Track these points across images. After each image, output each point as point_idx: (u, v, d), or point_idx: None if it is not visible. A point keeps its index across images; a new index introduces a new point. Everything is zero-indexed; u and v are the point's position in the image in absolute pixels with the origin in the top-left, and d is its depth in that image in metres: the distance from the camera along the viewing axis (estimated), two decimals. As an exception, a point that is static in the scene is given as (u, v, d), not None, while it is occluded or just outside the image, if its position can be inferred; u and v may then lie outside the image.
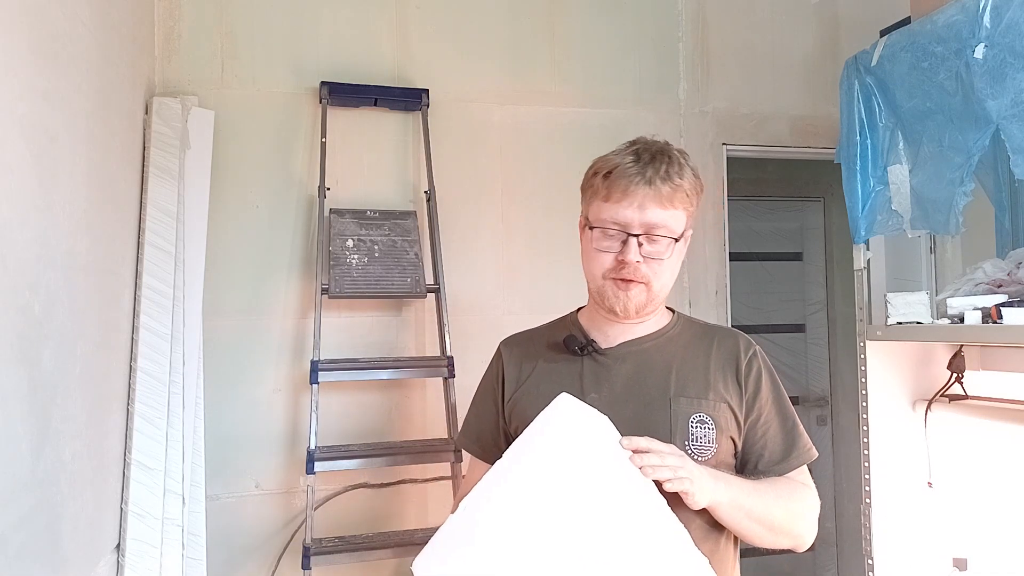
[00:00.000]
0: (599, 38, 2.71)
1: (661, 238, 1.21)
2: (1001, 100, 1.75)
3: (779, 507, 1.22)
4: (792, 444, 1.28)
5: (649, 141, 1.26)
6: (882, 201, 2.18)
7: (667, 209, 1.21)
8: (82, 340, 1.58)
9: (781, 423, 1.29)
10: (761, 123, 2.85)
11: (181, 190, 2.13)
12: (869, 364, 2.25)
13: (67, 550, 1.48)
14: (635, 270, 1.21)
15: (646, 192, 1.19)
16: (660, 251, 1.22)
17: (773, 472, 1.27)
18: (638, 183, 1.19)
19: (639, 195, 1.19)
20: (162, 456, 1.89)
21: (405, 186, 2.50)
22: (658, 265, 1.22)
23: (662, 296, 1.28)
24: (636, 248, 1.21)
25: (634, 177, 1.20)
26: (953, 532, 2.22)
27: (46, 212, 1.39)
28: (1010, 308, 1.81)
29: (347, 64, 2.46)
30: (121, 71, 1.92)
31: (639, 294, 1.23)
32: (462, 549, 1.07)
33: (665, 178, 1.20)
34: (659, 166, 1.20)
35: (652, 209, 1.20)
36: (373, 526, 2.36)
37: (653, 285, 1.23)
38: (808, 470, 1.31)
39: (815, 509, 1.28)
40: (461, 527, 1.10)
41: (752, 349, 1.30)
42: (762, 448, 1.27)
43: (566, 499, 1.05)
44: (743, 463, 1.29)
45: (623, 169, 1.21)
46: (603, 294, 1.26)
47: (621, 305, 1.24)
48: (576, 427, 1.10)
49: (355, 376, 2.27)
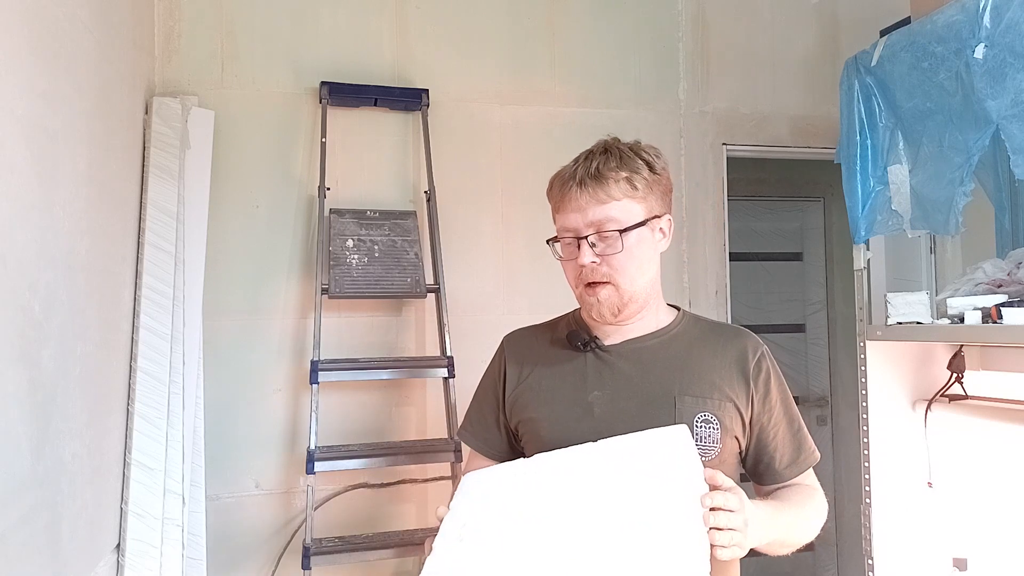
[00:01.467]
0: (599, 38, 2.70)
1: (610, 233, 1.20)
2: (1001, 100, 1.75)
3: (804, 525, 1.23)
4: (800, 447, 1.29)
5: (598, 142, 1.26)
6: (882, 201, 2.18)
7: (606, 203, 1.20)
8: (82, 340, 1.58)
9: (789, 425, 1.29)
10: (761, 123, 2.85)
11: (181, 190, 2.13)
12: (869, 364, 2.25)
13: (67, 550, 1.48)
14: (593, 271, 1.21)
15: (579, 193, 1.20)
16: (610, 246, 1.21)
17: (784, 475, 1.28)
18: (571, 186, 1.21)
19: (575, 198, 1.20)
20: (162, 456, 1.89)
21: (405, 186, 2.50)
22: (616, 260, 1.21)
23: (638, 293, 1.25)
24: (588, 250, 1.21)
25: (568, 181, 1.22)
26: (953, 532, 2.22)
27: (46, 212, 1.39)
28: (1010, 308, 1.81)
29: (347, 64, 2.46)
30: (121, 71, 1.92)
31: (609, 295, 1.22)
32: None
33: (595, 174, 1.20)
34: (590, 164, 1.21)
35: (591, 208, 1.20)
36: (373, 526, 2.36)
37: (620, 282, 1.22)
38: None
39: (825, 510, 1.29)
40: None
41: (760, 349, 1.30)
42: (773, 451, 1.27)
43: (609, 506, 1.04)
44: (754, 464, 1.29)
45: (561, 176, 1.24)
46: (582, 302, 1.27)
47: (596, 311, 1.24)
48: (672, 455, 1.07)
49: (355, 376, 2.27)
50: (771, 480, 1.29)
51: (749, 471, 1.31)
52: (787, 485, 1.29)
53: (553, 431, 1.26)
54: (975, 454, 2.19)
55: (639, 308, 1.27)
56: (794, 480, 1.29)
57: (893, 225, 2.16)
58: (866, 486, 2.26)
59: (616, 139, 1.27)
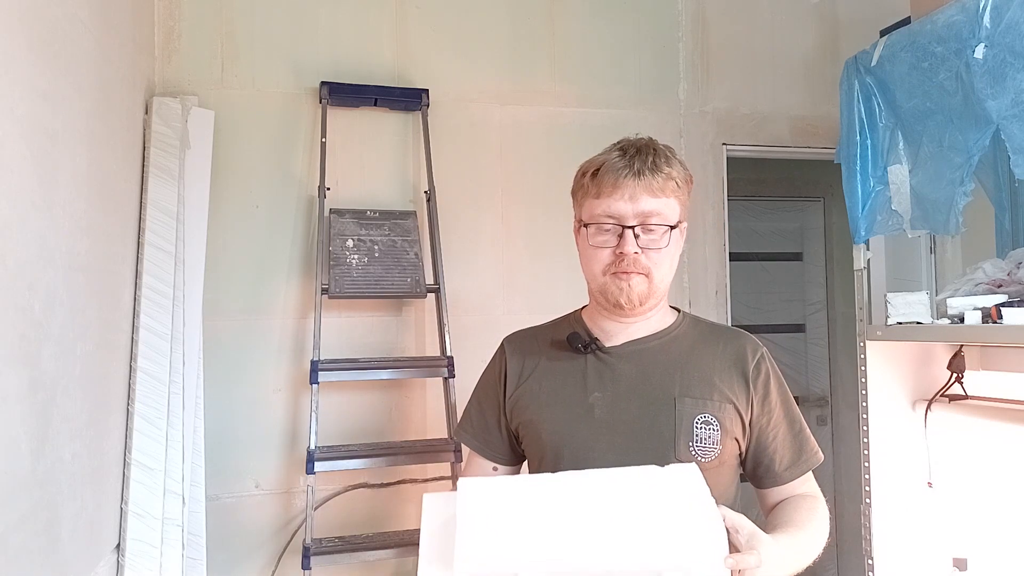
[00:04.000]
0: (599, 38, 2.70)
1: (657, 227, 1.21)
2: (1001, 100, 1.75)
3: (814, 547, 1.20)
4: (801, 448, 1.29)
5: (633, 139, 1.27)
6: (882, 201, 2.17)
7: (659, 197, 1.21)
8: (82, 340, 1.58)
9: (789, 427, 1.29)
10: (761, 123, 2.85)
11: (181, 190, 2.13)
12: (869, 364, 2.25)
13: (67, 550, 1.48)
14: (634, 261, 1.21)
15: (636, 183, 1.20)
16: (657, 240, 1.21)
17: (783, 477, 1.27)
18: (627, 175, 1.20)
19: (629, 186, 1.20)
20: (162, 456, 1.89)
21: (405, 186, 2.50)
22: (657, 255, 1.22)
23: (663, 288, 1.27)
24: (633, 239, 1.20)
25: (622, 170, 1.20)
26: (953, 532, 2.22)
27: (46, 212, 1.39)
28: (1010, 308, 1.81)
29: (347, 64, 2.46)
30: (121, 71, 1.92)
31: (640, 283, 1.22)
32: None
33: (653, 168, 1.20)
34: (646, 157, 1.21)
35: (644, 198, 1.20)
36: (373, 526, 2.36)
37: (654, 276, 1.23)
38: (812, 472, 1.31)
39: (828, 522, 1.26)
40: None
41: (760, 351, 1.30)
42: (772, 453, 1.27)
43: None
44: (753, 467, 1.29)
45: (611, 164, 1.22)
46: (605, 290, 1.24)
47: (625, 296, 1.22)
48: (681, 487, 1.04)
49: (355, 376, 2.27)
50: (770, 483, 1.28)
51: (748, 474, 1.31)
52: (788, 496, 1.27)
53: (554, 433, 1.26)
54: (975, 454, 2.19)
55: (656, 303, 1.28)
56: (793, 484, 1.28)
57: (893, 225, 2.16)
58: (866, 486, 2.26)
59: (650, 138, 1.27)
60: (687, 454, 1.20)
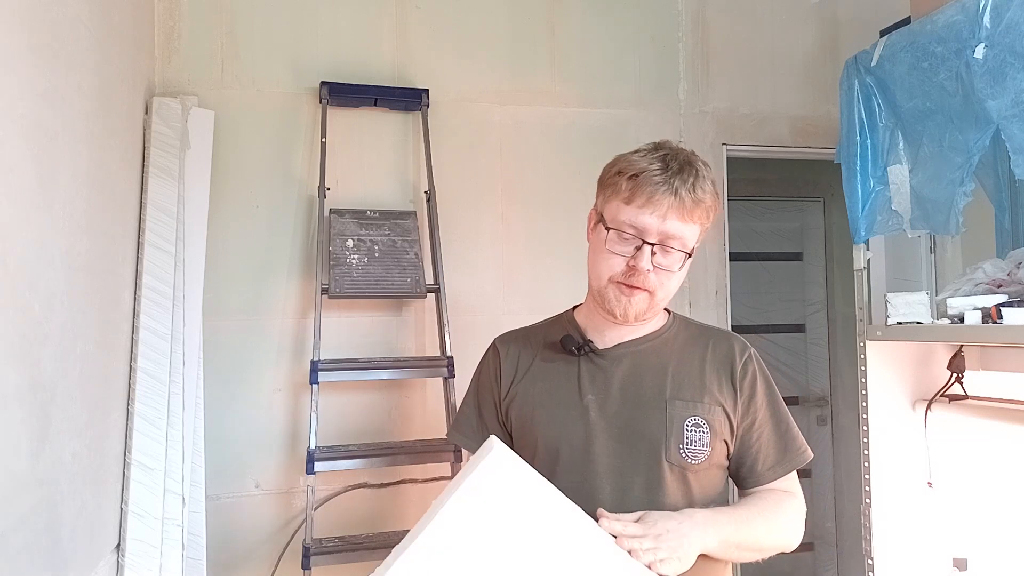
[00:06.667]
0: (599, 38, 2.70)
1: (674, 251, 1.21)
2: (1001, 100, 1.75)
3: (765, 529, 1.22)
4: (785, 448, 1.29)
5: (675, 148, 1.24)
6: (882, 201, 2.17)
7: (686, 222, 1.20)
8: (82, 340, 1.58)
9: (775, 427, 1.29)
10: (761, 123, 2.85)
11: (181, 190, 2.13)
12: (869, 364, 2.25)
13: (67, 550, 1.48)
14: (644, 278, 1.21)
15: (671, 202, 1.18)
16: (671, 263, 1.21)
17: (765, 477, 1.28)
18: (664, 192, 1.18)
19: (664, 204, 1.18)
20: (162, 456, 1.89)
21: (405, 186, 2.50)
22: (666, 277, 1.22)
23: (661, 307, 1.29)
24: (649, 256, 1.20)
25: (660, 185, 1.18)
26: (953, 532, 2.22)
27: (46, 212, 1.39)
28: (1010, 308, 1.81)
29: (347, 64, 2.46)
30: (121, 71, 1.92)
31: (641, 301, 1.23)
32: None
33: (691, 191, 1.19)
34: (687, 178, 1.19)
35: (672, 220, 1.19)
36: (373, 526, 2.36)
37: (657, 294, 1.23)
38: (798, 473, 1.31)
39: (800, 516, 1.28)
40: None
41: (747, 352, 1.31)
42: (756, 453, 1.28)
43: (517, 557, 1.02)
44: (736, 467, 1.30)
45: (650, 175, 1.19)
46: (605, 296, 1.25)
47: (621, 310, 1.23)
48: (512, 483, 1.06)
49: (355, 376, 2.27)
50: (752, 483, 1.29)
51: (732, 475, 1.31)
52: (758, 490, 1.28)
53: (550, 434, 1.27)
54: (975, 454, 2.19)
55: (654, 315, 1.30)
56: (773, 484, 1.28)
57: (893, 225, 2.16)
58: (866, 486, 2.26)
59: (692, 152, 1.25)
60: (677, 456, 1.21)
